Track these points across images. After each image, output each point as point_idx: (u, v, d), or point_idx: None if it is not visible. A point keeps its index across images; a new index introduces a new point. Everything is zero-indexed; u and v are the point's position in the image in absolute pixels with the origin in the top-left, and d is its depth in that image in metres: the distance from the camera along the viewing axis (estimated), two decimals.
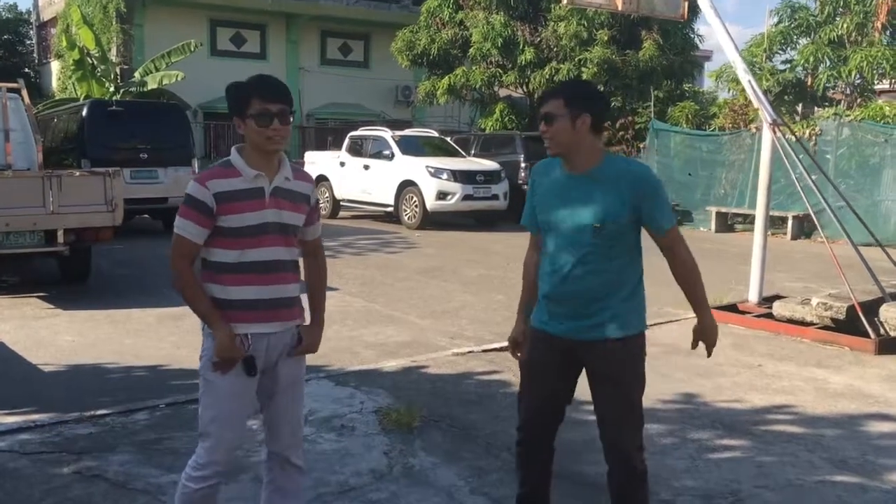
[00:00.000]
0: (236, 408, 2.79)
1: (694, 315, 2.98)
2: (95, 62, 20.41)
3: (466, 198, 14.88)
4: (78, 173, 8.37)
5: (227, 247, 2.72)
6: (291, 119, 2.75)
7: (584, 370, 2.97)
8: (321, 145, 22.89)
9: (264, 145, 2.70)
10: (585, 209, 2.81)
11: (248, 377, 2.75)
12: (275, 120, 2.67)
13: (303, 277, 2.96)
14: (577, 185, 2.84)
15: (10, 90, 9.51)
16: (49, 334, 6.67)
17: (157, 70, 20.35)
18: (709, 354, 3.00)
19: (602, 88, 16.89)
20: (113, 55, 22.24)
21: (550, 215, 2.90)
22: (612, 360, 2.87)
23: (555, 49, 19.10)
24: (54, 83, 26.07)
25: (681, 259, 2.90)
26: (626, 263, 2.89)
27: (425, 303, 8.21)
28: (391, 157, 15.53)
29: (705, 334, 2.96)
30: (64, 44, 20.68)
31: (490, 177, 15.29)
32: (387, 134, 16.12)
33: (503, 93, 21.54)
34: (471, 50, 19.60)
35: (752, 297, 7.63)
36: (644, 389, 2.96)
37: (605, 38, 18.44)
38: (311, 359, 3.10)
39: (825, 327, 6.73)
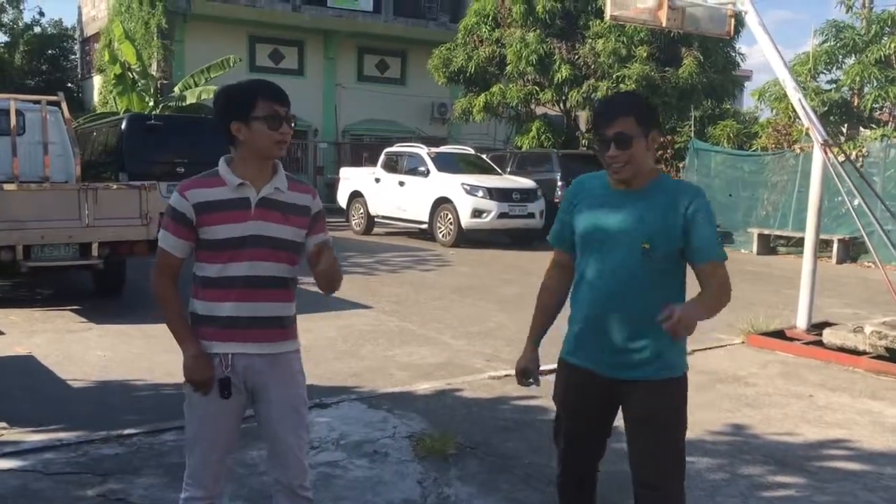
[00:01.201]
0: (215, 430, 2.66)
1: (731, 341, 2.76)
2: (136, 77, 20.65)
3: (502, 216, 14.71)
4: (115, 186, 8.37)
5: (209, 260, 2.59)
6: (294, 124, 2.64)
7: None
8: (356, 161, 22.90)
9: (271, 150, 2.57)
10: (635, 228, 2.58)
11: (223, 400, 2.60)
12: (284, 123, 2.55)
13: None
14: (627, 203, 2.62)
15: (49, 103, 9.58)
16: (80, 349, 6.61)
17: (197, 85, 20.53)
18: (673, 331, 2.37)
19: None
20: (153, 70, 22.50)
21: (594, 234, 2.66)
22: (654, 404, 2.63)
23: (592, 66, 18.89)
24: (96, 98, 26.45)
25: (715, 290, 2.56)
26: (672, 296, 2.61)
27: (460, 322, 8.03)
28: (426, 173, 15.42)
29: (684, 311, 2.38)
30: (106, 58, 20.96)
31: (526, 195, 15.11)
32: (422, 150, 16.04)
33: (540, 110, 21.38)
34: (507, 67, 19.49)
35: (801, 323, 7.34)
36: (686, 432, 2.74)
37: (645, 54, 18.20)
38: (343, 379, 2.99)
39: (879, 357, 6.43)
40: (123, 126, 13.24)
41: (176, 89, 21.04)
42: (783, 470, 4.29)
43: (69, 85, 29.89)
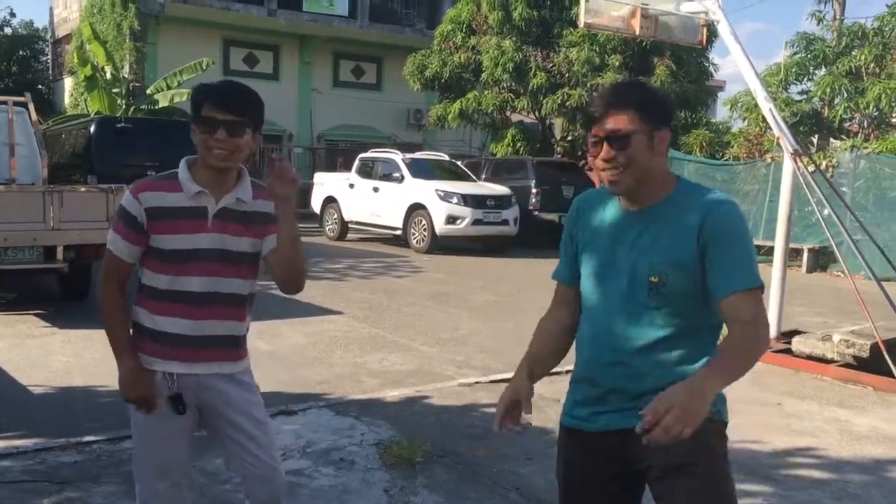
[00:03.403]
0: (164, 448, 2.48)
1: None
2: (108, 79, 20.41)
3: (476, 222, 14.70)
4: (81, 189, 8.23)
5: (157, 270, 2.40)
6: (253, 134, 2.37)
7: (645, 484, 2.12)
8: (331, 167, 22.80)
9: (205, 157, 2.35)
10: (640, 257, 2.04)
11: (176, 416, 2.42)
12: (220, 130, 2.30)
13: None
14: (634, 224, 2.08)
15: (16, 104, 9.40)
16: (42, 354, 6.47)
17: (169, 88, 20.33)
18: (652, 423, 1.77)
19: None
20: (126, 72, 22.26)
21: (594, 263, 2.13)
22: (683, 445, 1.83)
23: (566, 74, 18.99)
24: (67, 99, 26.13)
25: (745, 329, 1.95)
26: (699, 344, 2.04)
27: (432, 329, 7.98)
28: (401, 179, 15.38)
29: (677, 395, 1.81)
30: (77, 60, 20.71)
31: (500, 202, 15.11)
32: (397, 156, 16.00)
33: (515, 118, 21.44)
34: (483, 74, 19.52)
35: (771, 331, 7.37)
36: (735, 491, 2.08)
37: (618, 63, 18.31)
38: (311, 386, 2.91)
39: (847, 365, 6.47)
40: (92, 128, 13.06)
41: (148, 92, 20.83)
42: (750, 478, 4.28)
43: (40, 87, 29.48)
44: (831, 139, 17.79)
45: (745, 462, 4.52)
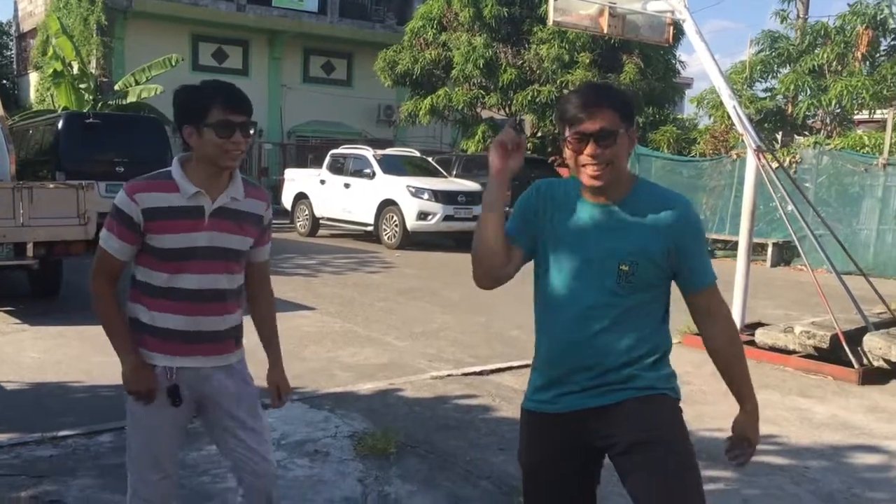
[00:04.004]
0: (161, 440, 2.54)
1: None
2: (75, 74, 20.20)
3: (447, 218, 14.78)
4: (51, 185, 8.18)
5: (156, 268, 2.44)
6: (252, 132, 2.47)
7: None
8: (302, 163, 22.76)
9: (221, 159, 2.41)
10: (612, 246, 2.18)
11: (173, 408, 2.49)
12: (237, 132, 2.39)
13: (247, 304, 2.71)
14: (605, 217, 2.22)
15: None
16: (14, 350, 6.45)
17: (138, 83, 20.16)
18: (748, 458, 2.31)
19: None
20: (93, 68, 22.03)
21: (564, 252, 2.23)
22: (651, 415, 2.15)
23: (537, 71, 19.14)
24: (32, 95, 25.78)
25: (725, 325, 2.27)
26: (655, 328, 2.25)
27: (404, 324, 8.06)
28: (372, 175, 15.43)
29: (752, 431, 2.29)
30: (45, 55, 20.47)
31: (471, 198, 15.21)
32: (368, 153, 16.04)
33: (485, 114, 21.55)
34: (453, 71, 19.61)
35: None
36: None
37: (587, 60, 18.50)
38: None
39: (808, 356, 6.66)
40: (60, 124, 12.94)
41: (116, 87, 20.64)
42: (714, 465, 4.42)
43: (4, 82, 29.06)
44: (795, 136, 18.14)
45: (709, 449, 4.65)
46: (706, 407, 5.50)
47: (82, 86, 20.00)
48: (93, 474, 3.95)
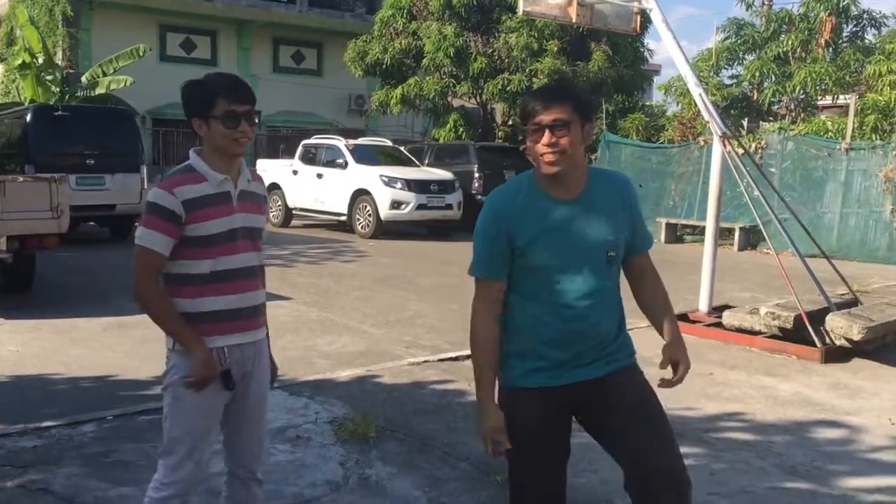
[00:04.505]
0: (206, 424, 2.67)
1: (637, 324, 2.77)
2: (41, 65, 19.95)
3: (420, 207, 14.87)
4: (22, 179, 8.16)
5: (198, 256, 2.58)
6: (256, 120, 2.66)
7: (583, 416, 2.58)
8: (273, 153, 22.68)
9: (230, 148, 2.59)
10: (596, 238, 2.44)
11: (224, 392, 2.63)
12: (242, 121, 2.56)
13: None
14: (577, 212, 2.44)
15: None
16: None
17: (105, 75, 19.97)
18: (680, 380, 2.61)
19: None
20: (59, 59, 21.76)
21: (553, 254, 2.42)
22: (637, 385, 2.55)
23: (506, 60, 19.25)
24: None
25: (657, 275, 2.66)
26: (619, 300, 2.59)
27: (380, 312, 8.16)
28: (345, 165, 15.47)
29: (683, 354, 2.61)
30: (16, 46, 20.18)
31: (444, 186, 15.31)
32: (340, 143, 16.06)
33: (456, 103, 21.62)
34: (424, 60, 19.65)
35: (703, 306, 7.76)
36: None
37: (556, 48, 18.63)
38: None
39: (773, 336, 6.86)
40: (29, 117, 12.84)
41: (83, 79, 20.42)
42: (682, 441, 4.51)
43: None
44: (761, 122, 18.43)
45: (678, 426, 4.76)
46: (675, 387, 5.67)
47: (49, 77, 19.77)
48: (78, 463, 4.02)
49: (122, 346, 6.42)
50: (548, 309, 2.45)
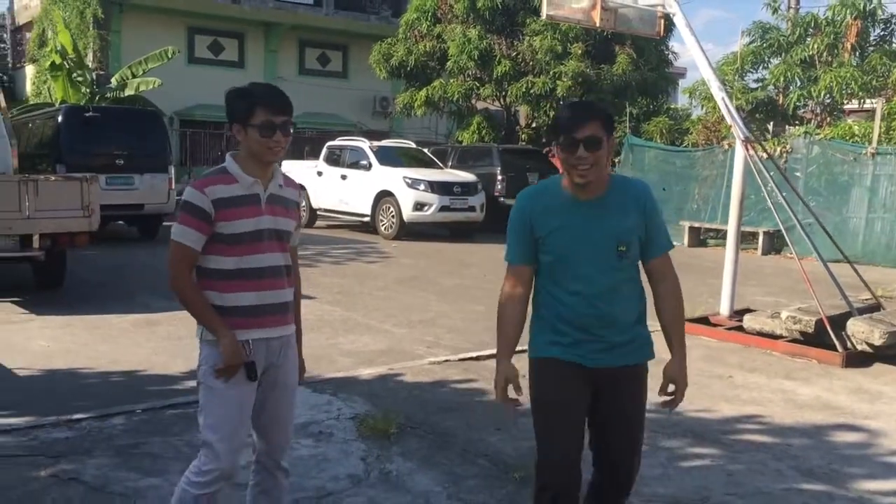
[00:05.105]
0: (239, 414, 2.79)
1: (657, 327, 2.83)
2: (72, 67, 20.30)
3: (443, 209, 14.95)
4: (54, 178, 8.34)
5: (225, 253, 2.73)
6: (292, 129, 2.77)
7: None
8: (298, 155, 22.87)
9: (264, 155, 2.74)
10: (608, 234, 2.74)
11: (250, 382, 2.77)
12: (278, 131, 2.70)
13: None
14: (594, 209, 2.75)
15: None
16: (22, 339, 6.63)
17: (134, 76, 20.26)
18: (678, 402, 2.86)
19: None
20: (89, 61, 22.11)
21: (570, 242, 2.74)
22: (641, 385, 2.83)
23: (531, 63, 19.29)
24: (28, 88, 25.81)
25: (674, 285, 2.85)
26: (641, 290, 2.84)
27: (402, 312, 8.25)
28: (369, 167, 15.58)
29: (681, 377, 2.84)
30: (42, 47, 20.54)
31: (467, 188, 15.38)
32: (364, 144, 16.18)
33: (480, 105, 21.69)
34: (448, 62, 19.74)
35: (724, 310, 7.77)
36: None
37: (580, 51, 18.64)
38: None
39: (794, 340, 6.86)
40: (60, 118, 13.09)
41: (113, 80, 20.73)
42: (700, 442, 4.64)
43: (2, 76, 29.06)
44: (786, 126, 18.33)
45: (696, 428, 4.88)
46: (694, 389, 5.66)
47: (79, 79, 20.11)
48: (108, 454, 4.14)
49: (149, 343, 6.56)
50: (564, 291, 2.77)
